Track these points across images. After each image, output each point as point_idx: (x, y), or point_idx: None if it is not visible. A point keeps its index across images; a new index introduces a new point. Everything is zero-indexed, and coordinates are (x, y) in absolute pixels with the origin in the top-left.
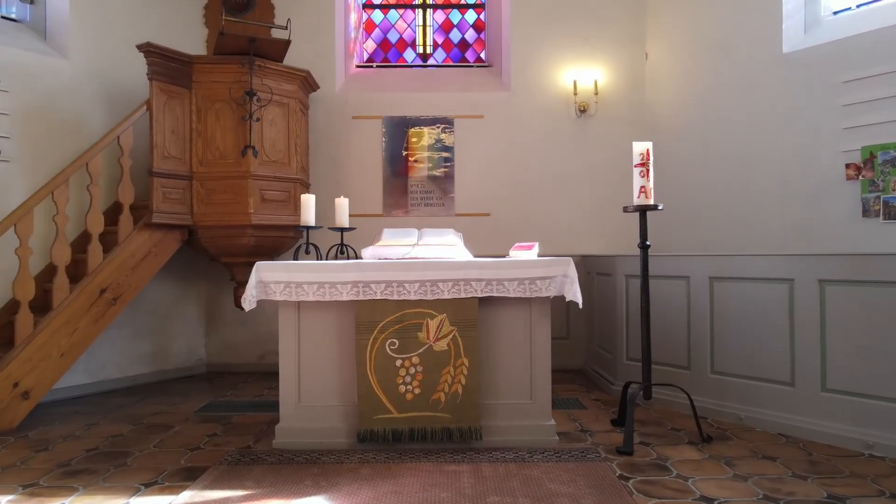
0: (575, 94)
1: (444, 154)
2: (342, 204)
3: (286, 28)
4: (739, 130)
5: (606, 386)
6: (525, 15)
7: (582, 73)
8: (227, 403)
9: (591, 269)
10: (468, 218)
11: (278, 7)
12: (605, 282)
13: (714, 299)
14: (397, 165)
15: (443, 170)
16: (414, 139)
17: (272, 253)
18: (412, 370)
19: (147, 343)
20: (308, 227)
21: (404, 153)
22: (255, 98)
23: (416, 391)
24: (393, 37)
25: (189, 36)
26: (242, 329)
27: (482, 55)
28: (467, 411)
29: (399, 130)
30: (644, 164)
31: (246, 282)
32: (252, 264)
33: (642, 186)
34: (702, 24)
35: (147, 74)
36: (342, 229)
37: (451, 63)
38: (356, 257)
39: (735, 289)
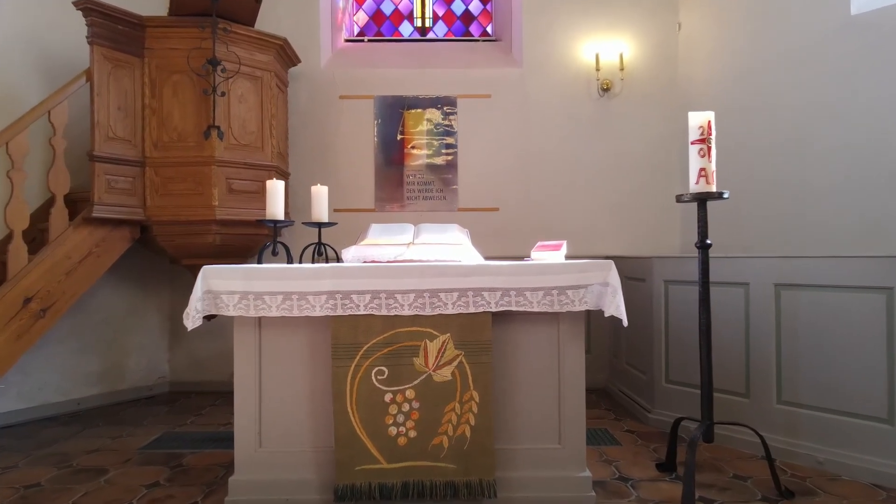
0: (597, 69)
1: (446, 139)
2: (319, 193)
3: None
4: (793, 110)
5: (641, 413)
6: None
7: (605, 46)
8: (183, 436)
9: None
10: (473, 213)
11: None
12: (636, 288)
13: (781, 311)
14: (392, 152)
15: (444, 158)
16: (411, 122)
17: (242, 253)
18: (406, 407)
19: (96, 360)
20: (276, 223)
21: (400, 138)
22: (219, 68)
23: (412, 434)
24: (387, 8)
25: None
26: (213, 341)
27: (489, 29)
28: (477, 460)
29: (394, 112)
30: (704, 140)
31: None
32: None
33: (702, 169)
34: None
35: (87, 38)
36: (319, 224)
37: (454, 37)
38: (338, 260)
39: (809, 298)
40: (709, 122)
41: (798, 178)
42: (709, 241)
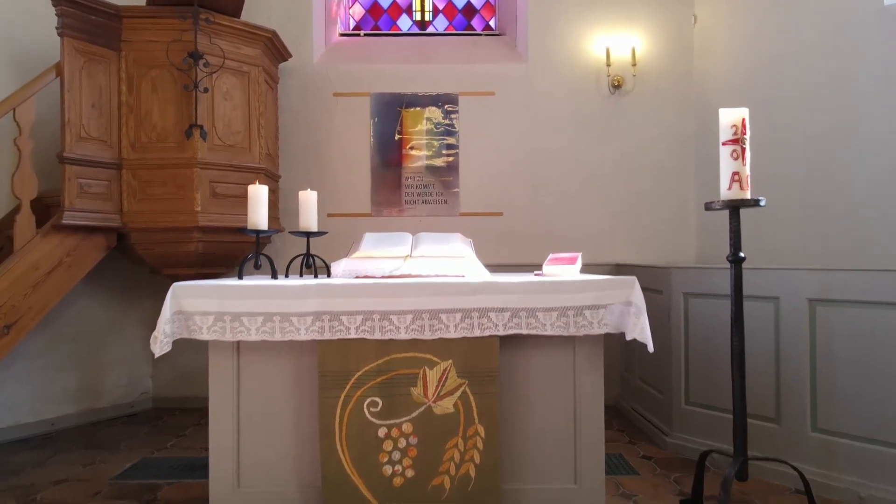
0: (608, 65)
1: (447, 140)
2: (308, 200)
3: None
4: (823, 106)
5: (658, 437)
6: None
7: (616, 40)
8: (161, 463)
9: None
10: (476, 218)
11: None
12: (652, 300)
13: (815, 329)
14: (389, 153)
15: (445, 159)
16: (409, 121)
17: (228, 262)
18: (402, 443)
19: (72, 376)
20: (258, 233)
21: (398, 138)
22: (201, 62)
23: (409, 474)
24: (385, 1)
25: None
26: (200, 353)
27: (492, 23)
28: (484, 502)
29: (391, 111)
30: (737, 141)
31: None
32: (204, 277)
33: (735, 173)
34: None
35: (57, 29)
36: (308, 234)
37: (455, 31)
38: (328, 273)
39: (847, 316)
40: (743, 119)
41: (831, 179)
42: (742, 255)
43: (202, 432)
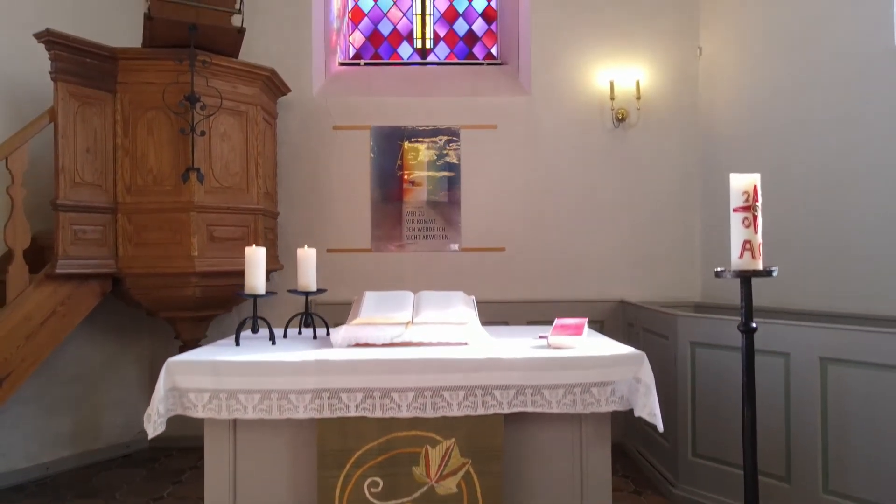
0: (612, 98)
1: (448, 174)
2: (307, 258)
3: (239, 12)
4: (830, 145)
5: (664, 487)
6: (548, 2)
7: (620, 73)
8: None
9: (634, 320)
10: (478, 254)
11: None
12: (657, 344)
13: (827, 388)
14: (389, 188)
15: (446, 194)
16: (410, 155)
17: (225, 305)
18: None
19: (67, 419)
20: (255, 296)
21: (398, 173)
22: (198, 105)
23: None
24: (385, 28)
25: (125, 21)
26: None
27: (493, 51)
28: None
29: (391, 144)
30: (749, 208)
31: (194, 341)
32: (202, 319)
33: (746, 241)
34: (775, 12)
35: (50, 73)
36: (307, 293)
37: (457, 60)
38: (327, 332)
39: (861, 377)
40: (754, 186)
41: (840, 217)
42: (754, 325)
43: (198, 477)
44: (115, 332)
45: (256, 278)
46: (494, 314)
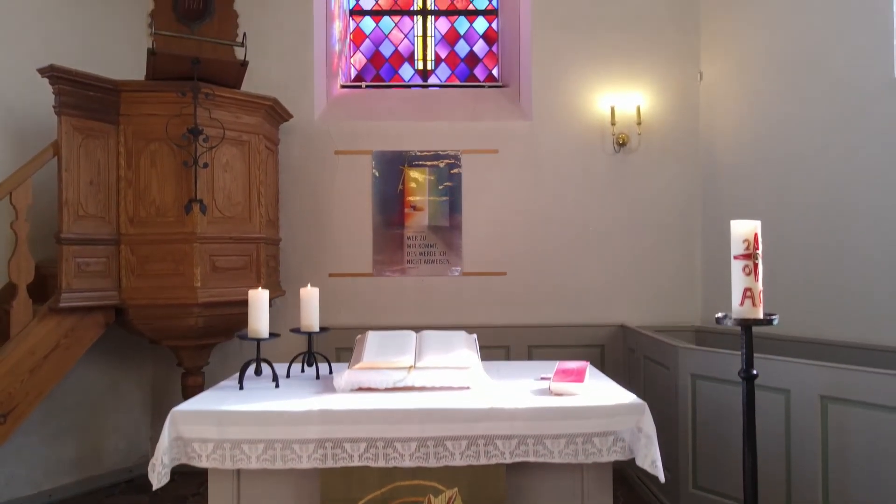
0: (612, 123)
1: (450, 198)
2: (310, 298)
3: (242, 45)
4: (832, 171)
5: None
6: (549, 25)
7: (621, 98)
8: None
9: (634, 346)
10: (479, 278)
11: (243, 15)
12: (657, 372)
13: (828, 427)
14: (391, 212)
15: (447, 218)
16: (412, 179)
17: (228, 333)
18: None
19: (70, 446)
20: (258, 340)
21: (400, 196)
22: (201, 137)
23: None
24: (387, 49)
25: (130, 52)
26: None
27: (494, 72)
28: None
29: (393, 169)
30: (749, 256)
31: (197, 368)
32: (204, 346)
33: (747, 289)
34: (776, 39)
35: (54, 107)
36: (309, 334)
37: (458, 83)
38: (330, 370)
39: (862, 418)
40: (755, 234)
41: (838, 246)
42: (755, 372)
43: (205, 499)
44: (117, 357)
45: (259, 322)
46: (495, 339)
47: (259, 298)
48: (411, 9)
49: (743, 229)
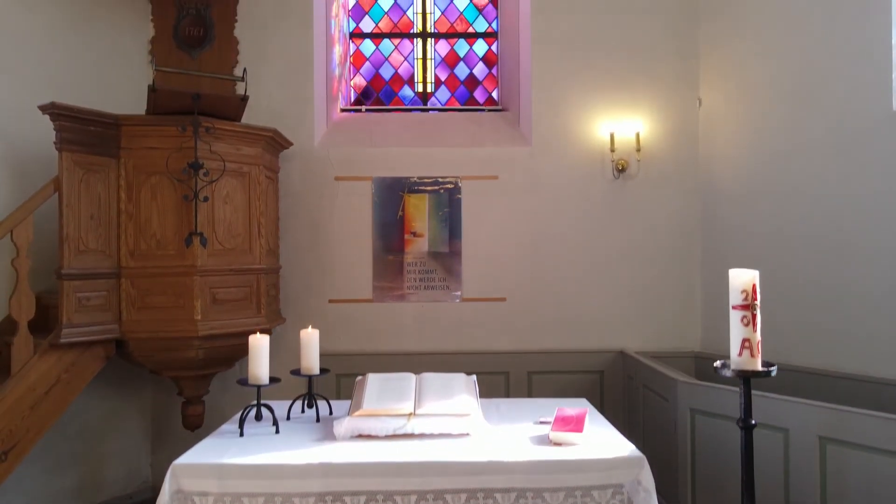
0: (612, 149)
1: (449, 224)
2: (310, 340)
3: (242, 79)
4: (830, 203)
5: None
6: (549, 50)
7: (620, 124)
8: None
9: (633, 373)
10: (479, 304)
11: (243, 41)
12: (657, 404)
13: (826, 468)
14: (391, 238)
15: (447, 244)
16: (411, 205)
17: (228, 363)
18: None
19: (71, 475)
20: (258, 386)
21: (400, 223)
22: (201, 171)
23: None
24: (387, 72)
25: (129, 81)
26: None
27: (494, 94)
28: None
29: (393, 195)
30: (748, 307)
31: (197, 397)
32: (204, 376)
33: (745, 339)
34: (776, 68)
35: (55, 143)
36: (310, 377)
37: (458, 106)
38: (330, 411)
39: (861, 461)
40: (753, 285)
41: (837, 276)
42: (753, 422)
43: None
44: (117, 384)
45: (260, 368)
46: (495, 365)
47: (259, 345)
48: (411, 31)
49: (741, 280)
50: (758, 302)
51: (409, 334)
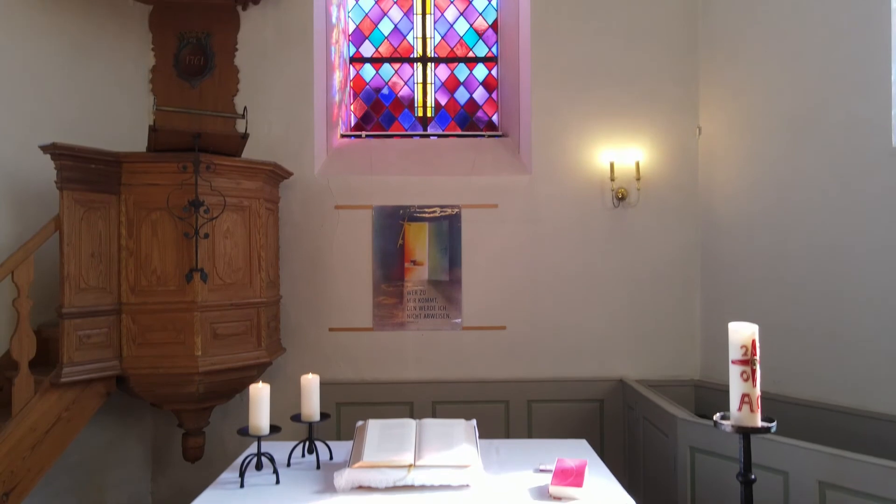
0: (612, 178)
1: (449, 253)
2: (311, 386)
3: (243, 117)
4: (829, 237)
5: None
6: (549, 77)
7: (620, 152)
8: None
9: (633, 403)
10: (479, 332)
11: (244, 70)
12: (656, 438)
13: None
14: (391, 267)
15: (447, 272)
16: (412, 234)
17: (229, 395)
18: None
19: None
20: (259, 437)
21: (400, 251)
22: (202, 208)
23: None
24: (387, 96)
25: (129, 109)
26: (202, 469)
27: (494, 119)
28: None
29: (393, 223)
30: (747, 362)
31: (198, 429)
32: (205, 410)
33: (745, 395)
34: (776, 99)
35: (56, 183)
36: (310, 423)
37: (458, 131)
38: (330, 456)
39: None
40: (753, 340)
41: (836, 309)
42: (753, 476)
43: None
44: (118, 415)
45: (260, 419)
46: (495, 393)
47: (260, 396)
48: (411, 56)
49: (741, 335)
50: (757, 357)
51: (410, 362)
